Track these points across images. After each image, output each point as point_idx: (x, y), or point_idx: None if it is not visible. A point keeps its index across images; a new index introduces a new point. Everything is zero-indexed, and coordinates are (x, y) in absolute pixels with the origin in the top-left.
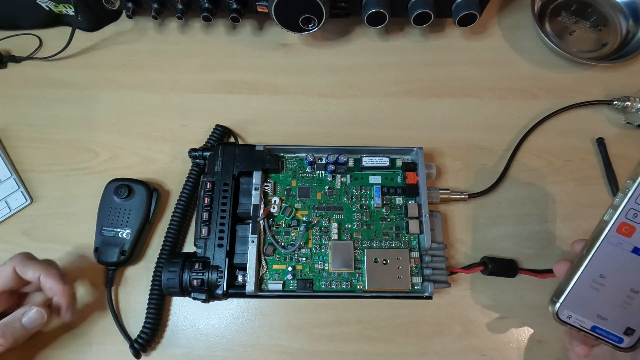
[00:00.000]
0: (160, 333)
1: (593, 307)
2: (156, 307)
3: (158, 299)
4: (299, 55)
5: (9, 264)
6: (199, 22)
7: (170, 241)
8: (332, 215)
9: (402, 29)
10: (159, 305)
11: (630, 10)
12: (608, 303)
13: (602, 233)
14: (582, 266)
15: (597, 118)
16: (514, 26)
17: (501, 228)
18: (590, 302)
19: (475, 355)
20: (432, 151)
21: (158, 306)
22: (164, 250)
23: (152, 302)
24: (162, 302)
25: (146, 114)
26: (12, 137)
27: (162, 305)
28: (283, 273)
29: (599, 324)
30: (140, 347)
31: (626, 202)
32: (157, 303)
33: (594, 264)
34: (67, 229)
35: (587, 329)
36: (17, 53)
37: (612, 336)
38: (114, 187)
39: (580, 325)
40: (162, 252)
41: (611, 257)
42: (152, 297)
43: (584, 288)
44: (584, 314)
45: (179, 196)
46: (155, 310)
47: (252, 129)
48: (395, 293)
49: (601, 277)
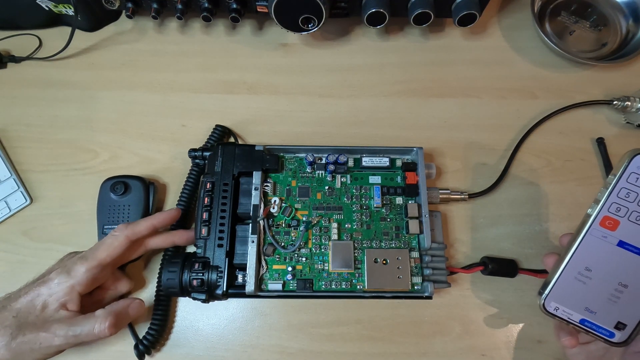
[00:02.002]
0: (166, 335)
1: (580, 300)
2: (163, 309)
3: (165, 300)
4: (299, 55)
5: (118, 234)
6: (199, 22)
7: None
8: (332, 215)
9: (402, 29)
10: (166, 306)
11: (630, 10)
12: (596, 296)
13: (584, 226)
14: (567, 258)
15: (597, 118)
16: (514, 26)
17: (501, 228)
18: (577, 295)
19: (475, 355)
20: (432, 151)
21: (165, 308)
22: (168, 250)
23: (159, 303)
24: (169, 304)
25: (146, 114)
26: (12, 137)
27: (169, 307)
28: (283, 273)
29: (588, 317)
30: (145, 349)
31: (607, 195)
32: (164, 305)
33: (579, 256)
34: (67, 229)
35: (576, 322)
36: (17, 53)
37: (602, 330)
38: (110, 185)
39: (568, 318)
40: (165, 252)
41: (596, 250)
42: (159, 298)
43: (570, 280)
44: (572, 307)
45: (180, 196)
46: (162, 312)
47: (252, 129)
48: (395, 293)
49: (587, 270)
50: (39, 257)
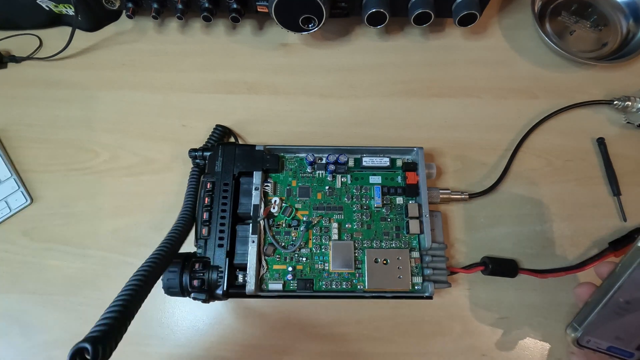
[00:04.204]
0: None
1: (613, 330)
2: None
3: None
4: (299, 55)
5: None
6: (199, 22)
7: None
8: (333, 215)
9: (402, 29)
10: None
11: (630, 10)
12: (628, 326)
13: (634, 261)
14: (610, 293)
15: (598, 118)
16: (514, 26)
17: (501, 228)
18: (611, 326)
19: (475, 355)
20: (432, 151)
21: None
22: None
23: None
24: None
25: (146, 114)
26: (12, 137)
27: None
28: (283, 273)
29: (615, 344)
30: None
31: None
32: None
33: (623, 290)
34: (67, 229)
35: (603, 349)
36: (17, 53)
37: (624, 353)
38: None
39: (597, 347)
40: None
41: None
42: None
43: (608, 314)
44: (603, 337)
45: (185, 199)
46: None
47: (252, 129)
48: (396, 293)
49: (626, 303)
50: (39, 257)
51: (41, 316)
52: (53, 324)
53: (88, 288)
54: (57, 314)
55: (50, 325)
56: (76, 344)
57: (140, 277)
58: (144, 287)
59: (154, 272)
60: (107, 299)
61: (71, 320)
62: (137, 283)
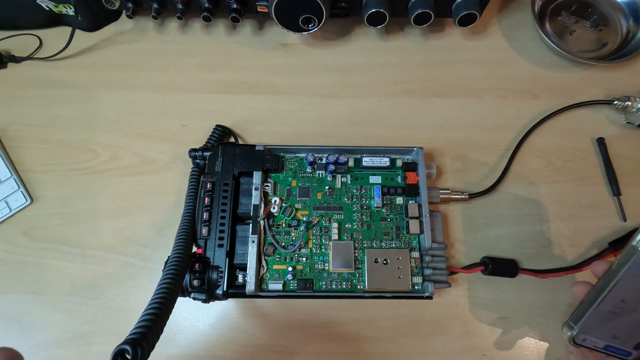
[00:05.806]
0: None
1: (609, 329)
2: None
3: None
4: (299, 55)
5: None
6: (199, 22)
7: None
8: (333, 215)
9: (402, 29)
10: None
11: (630, 10)
12: (625, 325)
13: (629, 258)
14: (605, 292)
15: (598, 118)
16: (514, 26)
17: (501, 228)
18: (608, 325)
19: (475, 355)
20: (432, 151)
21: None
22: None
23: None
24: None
25: (146, 114)
26: (12, 137)
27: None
28: (283, 273)
29: (612, 342)
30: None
31: None
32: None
33: (618, 289)
34: (67, 229)
35: (600, 348)
36: (17, 53)
37: (622, 351)
38: None
39: (594, 346)
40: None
41: (635, 282)
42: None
43: (604, 313)
44: (600, 336)
45: (186, 200)
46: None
47: (252, 129)
48: (396, 293)
49: (622, 302)
50: (39, 257)
51: (41, 316)
52: (53, 324)
53: (88, 288)
54: (57, 314)
55: (50, 325)
56: (117, 346)
57: (170, 280)
58: (174, 289)
59: (180, 273)
60: (107, 298)
61: (71, 320)
62: (168, 286)
